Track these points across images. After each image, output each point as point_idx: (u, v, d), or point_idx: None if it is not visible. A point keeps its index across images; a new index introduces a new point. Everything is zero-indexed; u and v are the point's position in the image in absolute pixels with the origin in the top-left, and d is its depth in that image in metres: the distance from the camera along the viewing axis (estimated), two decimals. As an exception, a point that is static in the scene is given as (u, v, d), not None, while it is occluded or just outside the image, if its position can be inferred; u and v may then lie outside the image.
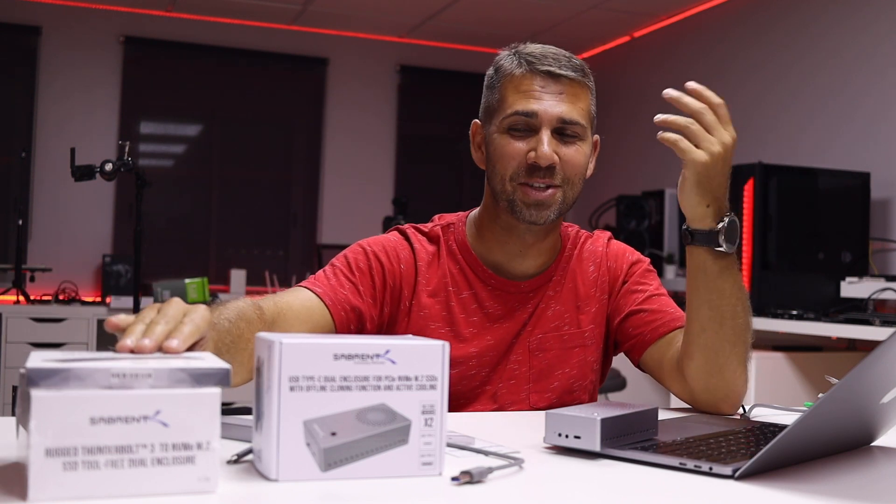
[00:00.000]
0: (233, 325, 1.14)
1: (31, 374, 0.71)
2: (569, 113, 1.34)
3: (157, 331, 0.86)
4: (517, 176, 1.34)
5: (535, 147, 1.33)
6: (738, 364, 1.29)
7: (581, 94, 1.37)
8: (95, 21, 5.31)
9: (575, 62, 1.37)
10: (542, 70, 1.34)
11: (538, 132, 1.33)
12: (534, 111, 1.33)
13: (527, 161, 1.34)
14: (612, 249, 1.51)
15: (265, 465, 0.81)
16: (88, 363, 0.73)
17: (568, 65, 1.35)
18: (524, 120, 1.34)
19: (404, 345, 0.84)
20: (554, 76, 1.34)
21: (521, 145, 1.34)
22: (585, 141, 1.38)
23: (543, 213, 1.35)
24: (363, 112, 5.83)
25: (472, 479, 0.82)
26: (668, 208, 4.35)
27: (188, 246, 5.56)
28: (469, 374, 1.40)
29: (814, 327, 3.06)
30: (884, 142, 3.68)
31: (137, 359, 0.78)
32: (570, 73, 1.35)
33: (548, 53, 1.36)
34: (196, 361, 0.78)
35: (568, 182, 1.36)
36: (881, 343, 0.84)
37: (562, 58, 1.36)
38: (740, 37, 4.58)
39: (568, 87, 1.35)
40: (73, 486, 0.70)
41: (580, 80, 1.36)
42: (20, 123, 5.17)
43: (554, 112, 1.33)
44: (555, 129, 1.34)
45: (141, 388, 0.74)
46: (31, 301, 4.47)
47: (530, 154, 1.33)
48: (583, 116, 1.36)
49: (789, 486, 0.88)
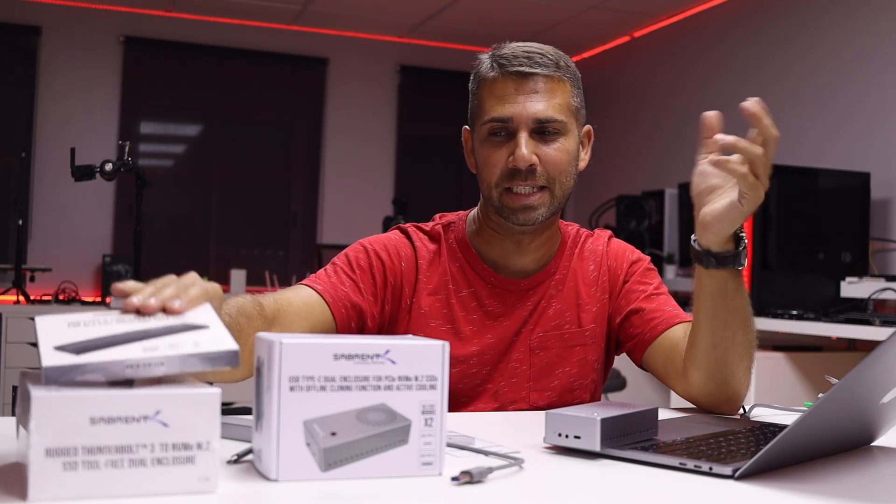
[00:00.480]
0: (233, 320, 1.14)
1: (49, 374, 0.72)
2: (544, 111, 1.33)
3: (165, 293, 0.87)
4: (501, 182, 1.34)
5: (513, 150, 1.33)
6: (745, 372, 1.29)
7: (557, 88, 1.35)
8: (95, 21, 5.31)
9: (549, 57, 1.35)
10: (512, 71, 1.34)
11: (516, 135, 1.33)
12: (508, 116, 1.33)
13: (507, 166, 1.34)
14: (612, 248, 1.51)
15: (265, 465, 0.81)
16: (102, 353, 0.74)
17: (540, 61, 1.34)
18: (501, 125, 1.34)
19: (404, 345, 0.84)
20: (525, 76, 1.33)
21: (501, 152, 1.34)
22: (568, 136, 1.36)
23: (531, 216, 1.35)
24: (363, 112, 5.83)
25: (472, 479, 0.82)
26: (668, 208, 4.35)
27: (188, 246, 5.56)
28: (470, 373, 1.40)
29: (814, 327, 3.06)
30: (884, 142, 3.68)
31: (147, 342, 0.78)
32: (541, 70, 1.33)
33: (519, 53, 1.35)
34: (205, 344, 0.78)
35: (553, 181, 1.35)
36: (881, 343, 0.84)
37: (535, 55, 1.34)
38: (740, 37, 4.57)
39: (542, 83, 1.34)
40: (73, 486, 0.70)
41: (554, 75, 1.35)
42: (20, 123, 5.17)
43: (529, 113, 1.33)
44: (533, 129, 1.33)
45: (154, 373, 0.75)
46: (31, 301, 4.46)
47: (510, 158, 1.33)
48: (561, 111, 1.34)
49: (789, 486, 0.88)
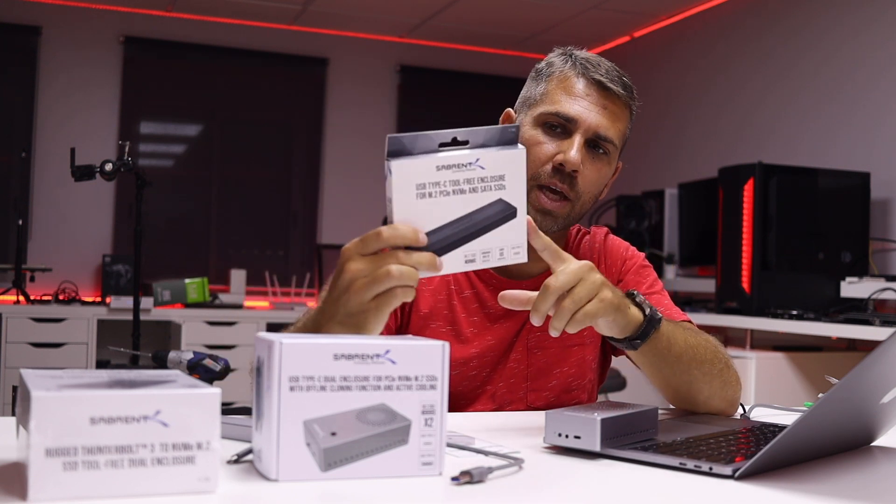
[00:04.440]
0: None
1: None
2: (606, 128, 1.32)
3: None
4: (538, 177, 1.32)
5: (565, 150, 1.31)
6: (721, 387, 1.27)
7: (622, 114, 1.35)
8: (95, 21, 5.31)
9: (626, 81, 1.36)
10: (593, 77, 1.33)
11: (571, 136, 1.32)
12: (574, 116, 1.31)
13: (553, 163, 1.32)
14: (608, 246, 1.50)
15: (265, 465, 0.81)
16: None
17: (619, 81, 1.34)
18: (562, 121, 1.32)
19: (404, 345, 0.84)
20: (603, 87, 1.33)
21: (551, 146, 1.32)
22: (611, 163, 1.36)
23: (548, 222, 1.34)
24: (363, 112, 5.83)
25: (472, 479, 0.82)
26: (668, 208, 4.35)
27: (188, 246, 5.56)
28: (470, 375, 1.40)
29: (814, 327, 3.07)
30: (884, 142, 3.68)
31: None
32: (619, 89, 1.33)
33: (602, 63, 1.35)
34: None
35: (579, 197, 1.34)
36: (881, 343, 0.84)
37: (614, 73, 1.35)
38: (740, 37, 4.58)
39: (613, 102, 1.33)
40: (73, 486, 0.70)
41: (626, 100, 1.35)
42: (20, 123, 5.17)
43: (592, 121, 1.32)
44: (588, 139, 1.32)
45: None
46: (31, 301, 4.46)
47: (558, 156, 1.31)
48: (617, 136, 1.35)
49: (789, 486, 0.88)
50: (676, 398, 1.29)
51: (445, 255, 0.96)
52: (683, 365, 1.21)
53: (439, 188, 0.95)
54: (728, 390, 1.28)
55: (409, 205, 0.94)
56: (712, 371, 1.25)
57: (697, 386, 1.25)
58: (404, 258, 0.92)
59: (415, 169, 0.94)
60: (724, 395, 1.28)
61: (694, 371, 1.23)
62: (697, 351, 1.23)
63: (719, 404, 1.29)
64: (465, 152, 0.96)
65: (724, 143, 4.53)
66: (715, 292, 3.65)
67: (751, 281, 3.39)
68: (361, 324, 0.95)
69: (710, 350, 1.26)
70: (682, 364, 1.21)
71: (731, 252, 3.45)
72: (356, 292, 0.93)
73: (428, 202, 0.95)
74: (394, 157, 0.93)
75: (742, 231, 3.39)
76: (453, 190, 0.96)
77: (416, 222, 0.94)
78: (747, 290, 3.40)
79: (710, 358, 1.25)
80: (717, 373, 1.26)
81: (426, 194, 0.94)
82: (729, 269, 3.48)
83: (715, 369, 1.25)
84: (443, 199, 0.95)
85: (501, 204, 0.99)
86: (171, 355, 1.78)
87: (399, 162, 0.93)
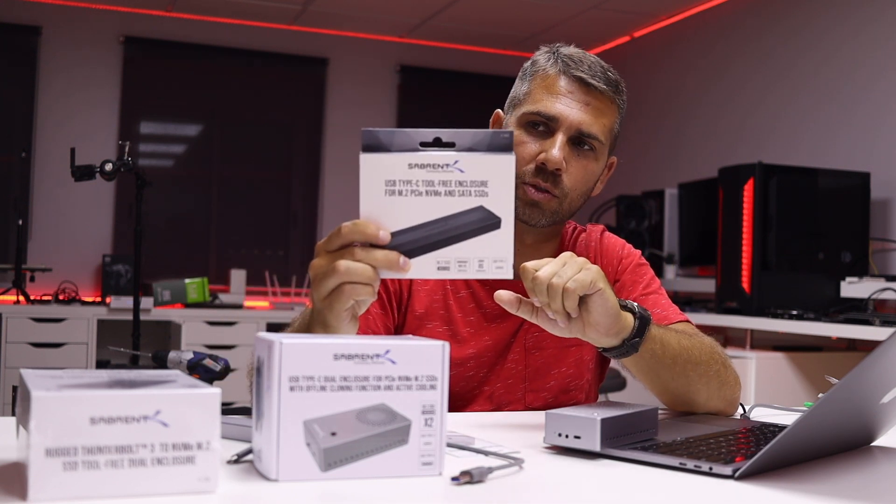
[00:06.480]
0: None
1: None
2: (589, 125, 1.32)
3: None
4: (522, 176, 1.32)
5: (547, 149, 1.31)
6: (719, 387, 1.27)
7: (607, 110, 1.34)
8: (95, 21, 5.31)
9: (610, 76, 1.35)
10: (574, 75, 1.33)
11: (554, 135, 1.32)
12: (555, 115, 1.32)
13: (535, 162, 1.32)
14: (604, 244, 1.49)
15: (265, 465, 0.81)
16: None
17: (602, 77, 1.33)
18: (544, 120, 1.32)
19: (404, 345, 0.84)
20: (585, 84, 1.32)
21: (534, 146, 1.33)
22: (598, 159, 1.36)
23: (536, 214, 1.34)
24: (363, 112, 5.83)
25: (472, 480, 0.82)
26: (668, 208, 4.35)
27: (188, 246, 5.56)
28: (467, 376, 1.39)
29: (814, 327, 3.07)
30: (884, 142, 3.68)
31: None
32: (601, 85, 1.33)
33: (585, 60, 1.34)
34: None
35: (566, 195, 1.34)
36: (881, 343, 0.84)
37: (597, 68, 1.34)
38: (740, 37, 4.57)
39: (596, 98, 1.33)
40: (73, 486, 0.70)
41: (610, 96, 1.34)
42: (20, 123, 5.17)
43: (574, 119, 1.31)
44: (571, 136, 1.32)
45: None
46: (31, 301, 4.46)
47: (541, 155, 1.32)
48: (602, 132, 1.34)
49: (789, 486, 0.88)
50: (676, 402, 1.29)
51: (415, 258, 0.92)
52: (679, 367, 1.21)
53: (411, 187, 0.92)
54: (726, 390, 1.28)
55: (376, 201, 0.92)
56: (709, 372, 1.25)
57: (695, 388, 1.24)
58: (360, 255, 0.91)
59: (385, 164, 0.92)
60: (722, 396, 1.28)
61: (690, 373, 1.22)
62: (692, 352, 1.23)
63: (718, 405, 1.28)
64: (444, 153, 0.93)
65: (724, 143, 4.53)
66: (715, 292, 3.65)
67: (751, 281, 3.39)
68: (325, 322, 0.96)
69: (706, 351, 1.26)
70: (678, 366, 1.21)
71: (731, 252, 3.45)
72: (314, 289, 0.94)
73: (397, 200, 0.92)
74: (367, 152, 0.92)
75: (742, 231, 3.39)
76: (426, 191, 0.92)
77: (382, 219, 0.91)
78: (747, 290, 3.40)
79: (705, 359, 1.24)
80: (715, 373, 1.25)
81: (396, 192, 0.92)
82: (729, 269, 3.48)
83: (712, 370, 1.25)
84: (414, 199, 0.92)
85: (482, 212, 0.93)
86: (171, 355, 1.78)
87: (369, 155, 0.92)
